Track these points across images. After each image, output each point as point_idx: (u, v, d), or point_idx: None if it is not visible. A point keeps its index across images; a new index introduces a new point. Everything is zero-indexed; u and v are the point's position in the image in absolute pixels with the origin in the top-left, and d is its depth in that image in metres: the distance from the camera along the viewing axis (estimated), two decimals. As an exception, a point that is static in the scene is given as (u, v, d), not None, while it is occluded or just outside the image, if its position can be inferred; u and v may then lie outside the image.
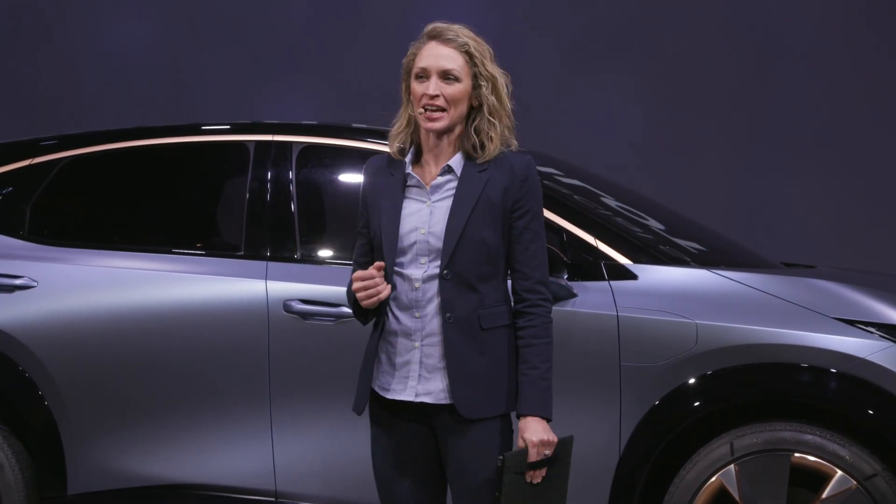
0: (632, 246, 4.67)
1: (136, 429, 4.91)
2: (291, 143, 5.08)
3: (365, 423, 4.74)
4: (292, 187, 5.01)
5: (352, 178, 5.26)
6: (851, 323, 4.42)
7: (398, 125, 3.79)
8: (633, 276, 4.59)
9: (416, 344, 3.71)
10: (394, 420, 3.77)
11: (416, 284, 3.69)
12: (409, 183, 3.74)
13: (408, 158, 3.76)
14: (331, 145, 5.11)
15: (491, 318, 3.66)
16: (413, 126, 3.76)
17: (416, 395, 3.71)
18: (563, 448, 3.69)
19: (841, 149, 8.38)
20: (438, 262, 3.66)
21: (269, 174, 5.02)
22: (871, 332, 4.41)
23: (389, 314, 3.74)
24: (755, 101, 8.49)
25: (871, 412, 4.36)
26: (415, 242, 3.69)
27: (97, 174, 5.33)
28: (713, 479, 4.44)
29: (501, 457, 3.60)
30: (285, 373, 4.79)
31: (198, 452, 4.86)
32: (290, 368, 4.79)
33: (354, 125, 5.24)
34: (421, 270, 3.68)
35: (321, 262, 4.96)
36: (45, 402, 4.97)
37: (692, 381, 4.46)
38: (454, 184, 3.69)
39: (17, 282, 5.06)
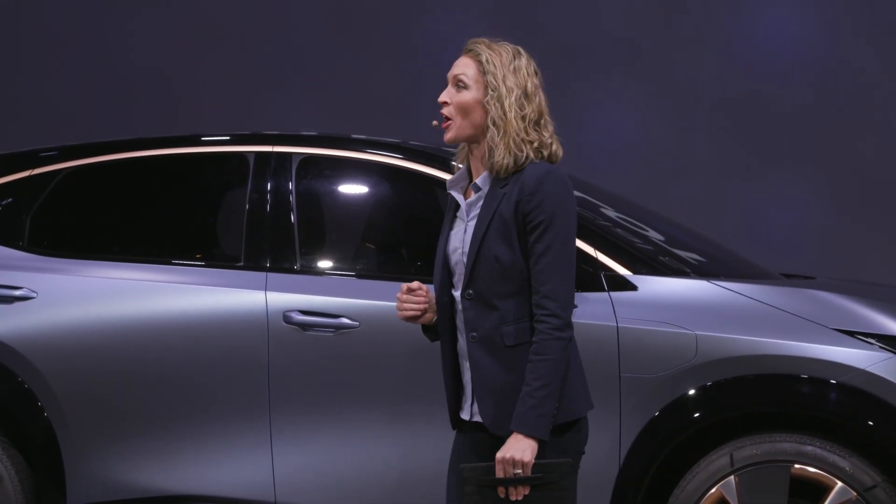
0: (631, 257, 4.67)
1: (136, 440, 4.90)
2: (291, 153, 5.08)
3: (362, 433, 4.75)
4: (292, 198, 5.00)
5: (352, 188, 5.26)
6: (851, 334, 4.42)
7: (461, 145, 3.82)
8: (633, 287, 4.59)
9: (468, 364, 3.72)
10: (465, 436, 3.77)
11: (458, 307, 3.71)
12: (458, 203, 3.77)
13: (455, 177, 3.78)
14: (331, 156, 5.11)
15: (514, 335, 3.62)
16: (467, 145, 3.78)
17: (471, 416, 3.73)
18: (556, 472, 3.57)
19: (841, 160, 8.39)
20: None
21: (269, 185, 5.02)
22: (871, 343, 4.41)
23: (456, 335, 3.76)
24: (755, 111, 8.49)
25: (871, 423, 4.35)
26: (457, 263, 3.72)
27: (97, 185, 5.33)
28: (713, 490, 4.43)
29: (462, 467, 3.59)
30: (285, 384, 4.78)
31: (197, 463, 4.86)
32: (290, 379, 4.78)
33: (354, 136, 5.24)
34: (460, 291, 3.71)
35: (321, 273, 4.96)
36: (45, 414, 4.97)
37: (692, 392, 4.46)
38: (482, 202, 3.69)
39: (17, 293, 5.05)
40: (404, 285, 3.78)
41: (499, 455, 3.55)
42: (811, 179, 8.43)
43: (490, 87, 3.66)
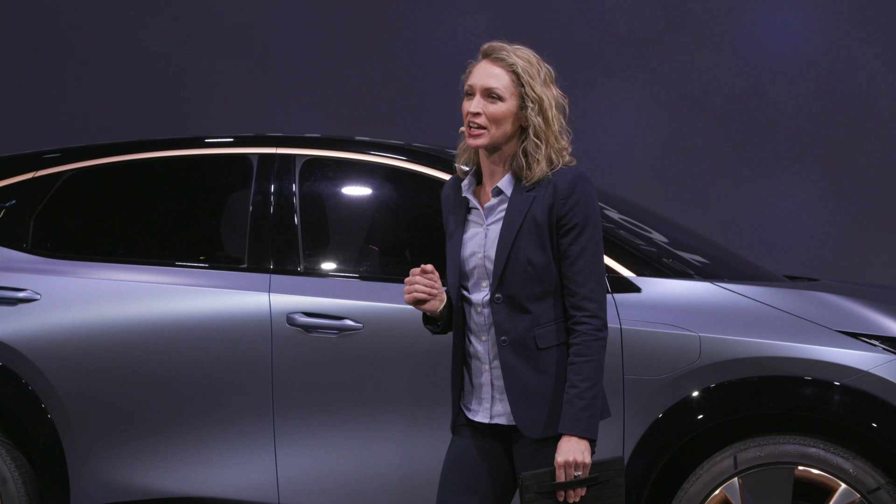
0: (635, 259, 4.67)
1: (140, 441, 4.91)
2: (295, 155, 5.08)
3: (366, 435, 4.75)
4: (296, 200, 5.01)
5: (355, 190, 5.26)
6: (855, 336, 4.42)
7: (462, 144, 3.80)
8: (637, 289, 4.59)
9: (486, 367, 3.73)
10: (474, 437, 3.78)
11: (479, 309, 3.71)
12: (470, 205, 3.77)
13: (466, 181, 3.78)
14: (334, 158, 5.11)
15: (547, 338, 3.64)
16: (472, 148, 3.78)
17: (492, 418, 3.74)
18: (610, 469, 3.64)
19: (845, 162, 8.38)
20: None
21: (273, 187, 5.03)
22: (875, 345, 4.40)
23: (467, 338, 3.77)
24: (759, 113, 8.49)
25: (874, 425, 4.35)
26: (475, 267, 3.72)
27: (100, 187, 5.34)
28: (717, 492, 4.43)
29: (522, 475, 3.60)
30: (288, 385, 4.78)
31: (201, 465, 4.86)
32: (293, 381, 4.78)
33: (358, 138, 5.24)
34: (482, 295, 3.70)
35: (324, 274, 4.96)
36: (49, 416, 4.97)
37: (695, 394, 4.46)
38: (505, 206, 3.69)
39: (21, 294, 5.06)
40: (417, 268, 3.77)
41: (559, 459, 3.58)
42: (815, 181, 8.42)
43: (530, 98, 3.66)
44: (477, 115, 3.67)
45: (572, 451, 3.59)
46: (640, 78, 8.65)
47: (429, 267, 3.78)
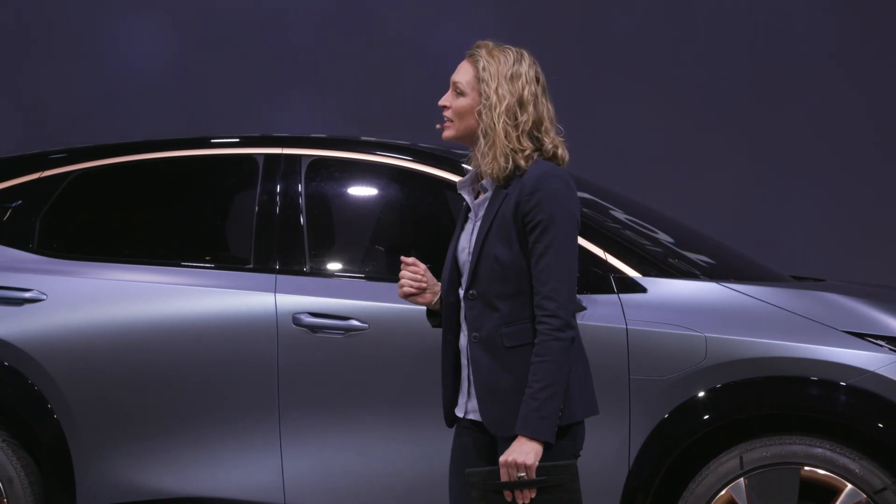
0: (641, 259, 4.67)
1: (146, 442, 4.91)
2: (301, 155, 5.08)
3: (372, 435, 4.75)
4: (301, 200, 5.01)
5: (361, 190, 5.26)
6: (861, 336, 4.42)
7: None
8: (643, 289, 4.59)
9: (466, 362, 3.73)
10: (463, 431, 3.78)
11: (461, 304, 3.72)
12: (469, 203, 3.79)
13: (465, 178, 3.79)
14: (340, 158, 5.11)
15: (514, 337, 3.62)
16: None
17: (466, 413, 3.73)
18: (562, 473, 3.56)
19: (850, 162, 8.38)
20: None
21: (279, 187, 5.03)
22: (881, 346, 4.40)
23: (459, 332, 3.77)
24: (765, 113, 8.49)
25: (880, 425, 4.35)
26: (465, 262, 3.73)
27: (106, 187, 5.34)
28: (723, 492, 4.43)
29: (466, 472, 3.59)
30: (294, 386, 4.79)
31: (207, 465, 4.86)
32: (300, 381, 4.79)
33: (364, 138, 5.24)
34: (464, 290, 3.72)
35: (330, 275, 4.96)
36: (55, 416, 4.97)
37: (701, 394, 4.46)
38: (487, 202, 3.70)
39: (27, 295, 5.06)
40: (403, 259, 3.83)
41: (502, 459, 3.55)
42: (821, 181, 8.42)
43: (483, 95, 3.66)
44: (444, 108, 3.72)
45: (516, 451, 3.53)
46: (645, 77, 8.65)
47: (409, 259, 3.82)
